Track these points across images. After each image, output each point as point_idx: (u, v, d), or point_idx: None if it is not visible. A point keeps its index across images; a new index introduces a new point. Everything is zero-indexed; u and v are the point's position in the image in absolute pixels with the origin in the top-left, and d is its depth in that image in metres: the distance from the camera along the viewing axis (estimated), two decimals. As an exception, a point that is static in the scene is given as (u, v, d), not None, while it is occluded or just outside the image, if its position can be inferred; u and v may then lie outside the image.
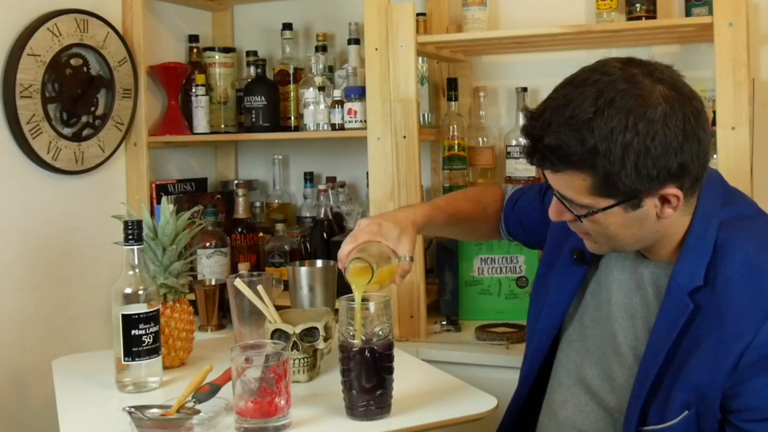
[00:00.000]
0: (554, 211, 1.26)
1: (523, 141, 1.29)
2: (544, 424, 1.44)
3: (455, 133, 2.26)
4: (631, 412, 1.24)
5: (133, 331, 1.48)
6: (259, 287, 1.58)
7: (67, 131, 2.18)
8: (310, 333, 1.53)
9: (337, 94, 2.26)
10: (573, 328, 1.41)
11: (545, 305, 1.43)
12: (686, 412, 1.17)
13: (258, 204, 2.58)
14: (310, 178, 2.52)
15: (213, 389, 1.36)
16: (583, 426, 1.36)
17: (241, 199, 2.45)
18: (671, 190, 1.15)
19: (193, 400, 1.34)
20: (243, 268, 2.30)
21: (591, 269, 1.39)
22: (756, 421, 1.14)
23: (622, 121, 1.11)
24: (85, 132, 2.24)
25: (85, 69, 2.22)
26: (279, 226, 2.38)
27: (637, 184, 1.14)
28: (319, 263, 1.87)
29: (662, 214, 1.18)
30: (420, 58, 2.24)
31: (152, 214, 2.24)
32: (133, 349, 1.48)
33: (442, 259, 2.30)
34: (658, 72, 1.16)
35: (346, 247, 1.37)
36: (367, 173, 2.16)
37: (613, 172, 1.13)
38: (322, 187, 2.43)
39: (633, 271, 1.32)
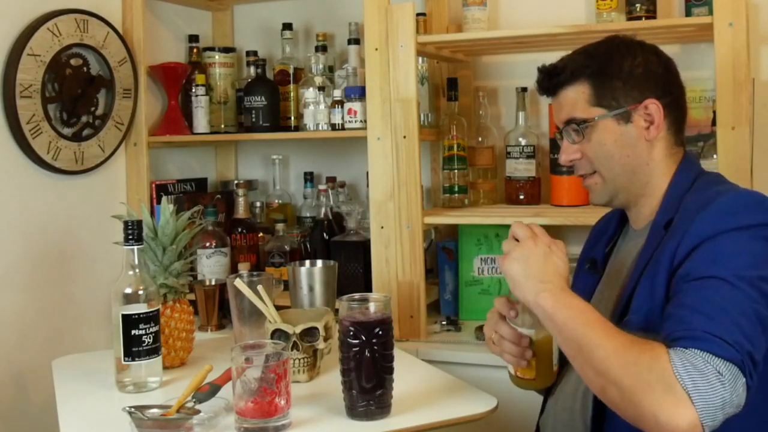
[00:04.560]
0: (564, 153, 1.43)
1: (522, 141, 1.46)
2: (548, 408, 1.46)
3: (455, 133, 2.26)
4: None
5: (133, 331, 1.48)
6: (259, 287, 1.58)
7: (67, 131, 2.18)
8: (310, 333, 1.53)
9: (337, 94, 2.26)
10: None
11: None
12: (637, 313, 1.26)
13: (258, 204, 2.57)
14: (310, 178, 2.52)
15: (213, 389, 1.36)
16: (573, 396, 1.39)
17: (241, 199, 2.45)
18: (654, 102, 1.35)
19: (193, 400, 1.34)
20: (243, 268, 2.29)
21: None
22: (692, 279, 1.19)
23: (615, 46, 1.41)
24: (85, 132, 2.24)
25: (85, 69, 2.22)
26: (279, 226, 2.38)
27: (624, 93, 1.36)
28: (319, 263, 1.87)
29: (648, 135, 1.36)
30: (420, 58, 2.24)
31: (152, 214, 2.24)
32: (133, 349, 1.48)
33: (442, 259, 2.31)
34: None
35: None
36: (367, 173, 2.16)
37: (605, 81, 1.37)
38: (322, 187, 2.43)
39: (627, 251, 1.41)
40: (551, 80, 1.44)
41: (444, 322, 2.18)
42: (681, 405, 1.07)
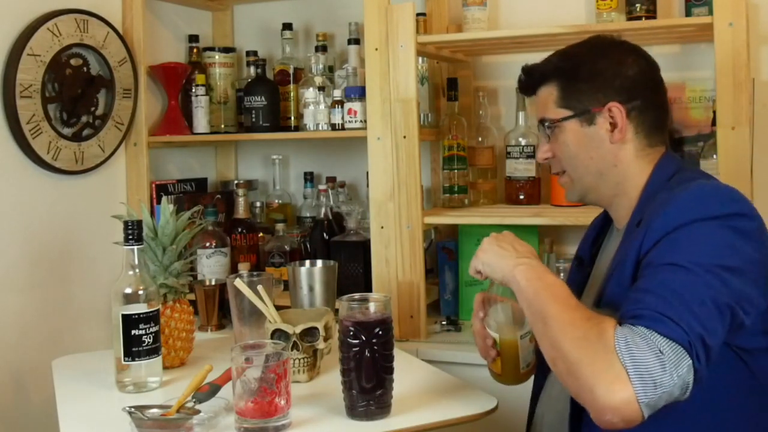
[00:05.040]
0: (539, 151, 1.47)
1: (522, 141, 1.53)
2: (537, 410, 1.48)
3: (455, 133, 2.26)
4: None
5: (133, 331, 1.48)
6: (259, 287, 1.58)
7: (67, 131, 2.18)
8: (310, 333, 1.53)
9: (337, 94, 2.26)
10: None
11: None
12: (609, 305, 1.26)
13: (258, 204, 2.57)
14: (310, 178, 2.52)
15: (213, 389, 1.36)
16: (559, 397, 1.39)
17: (241, 199, 2.45)
18: (616, 106, 1.36)
19: (193, 400, 1.34)
20: (243, 268, 2.29)
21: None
22: (652, 266, 1.21)
23: (591, 48, 1.43)
24: (85, 132, 2.24)
25: (85, 69, 2.22)
26: (279, 226, 2.38)
27: (590, 95, 1.37)
28: (319, 263, 1.87)
29: (612, 138, 1.37)
30: (420, 58, 2.24)
31: (152, 214, 2.24)
32: (133, 349, 1.48)
33: (442, 259, 2.31)
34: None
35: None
36: (367, 173, 2.16)
37: (571, 83, 1.39)
38: (322, 187, 2.43)
39: (612, 251, 1.41)
40: (527, 81, 1.47)
41: (444, 322, 2.18)
42: (618, 381, 1.09)
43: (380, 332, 1.31)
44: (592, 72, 1.38)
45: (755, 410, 1.24)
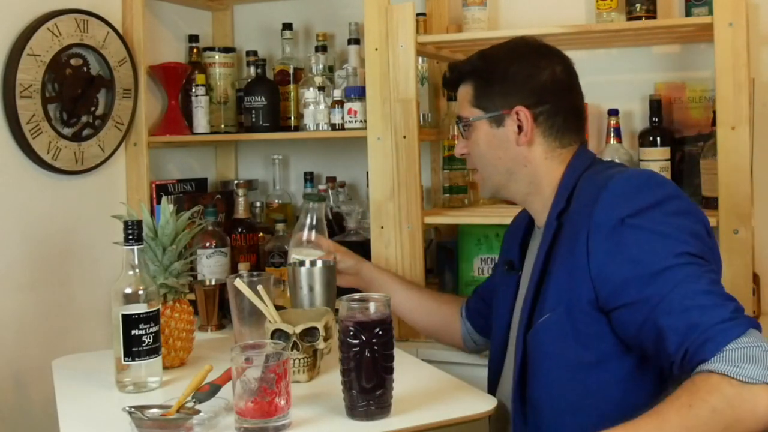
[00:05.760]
0: (457, 146, 1.53)
1: None
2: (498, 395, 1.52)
3: (455, 133, 2.26)
4: (520, 323, 1.40)
5: (133, 331, 1.48)
6: (259, 287, 1.58)
7: (67, 131, 2.18)
8: (310, 333, 1.53)
9: (337, 94, 2.26)
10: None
11: (496, 319, 1.58)
12: (557, 309, 1.31)
13: (258, 204, 2.57)
14: (310, 178, 2.52)
15: (213, 389, 1.36)
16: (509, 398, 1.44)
17: (241, 199, 2.45)
18: (523, 110, 1.41)
19: (193, 400, 1.34)
20: (243, 268, 2.29)
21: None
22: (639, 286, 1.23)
23: (508, 50, 1.48)
24: (85, 132, 2.24)
25: (85, 69, 2.22)
26: (279, 226, 2.38)
27: (500, 98, 1.43)
28: (319, 263, 1.87)
29: (519, 140, 1.42)
30: (420, 58, 2.25)
31: (152, 214, 2.24)
32: (133, 349, 1.48)
33: (442, 259, 2.31)
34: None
35: None
36: (367, 173, 2.16)
37: (485, 84, 1.45)
38: (322, 187, 2.43)
39: (536, 250, 1.44)
40: (449, 77, 1.53)
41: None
42: (761, 394, 1.09)
43: (380, 332, 1.31)
44: (506, 75, 1.43)
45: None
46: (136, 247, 1.49)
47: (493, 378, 1.57)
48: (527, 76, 1.42)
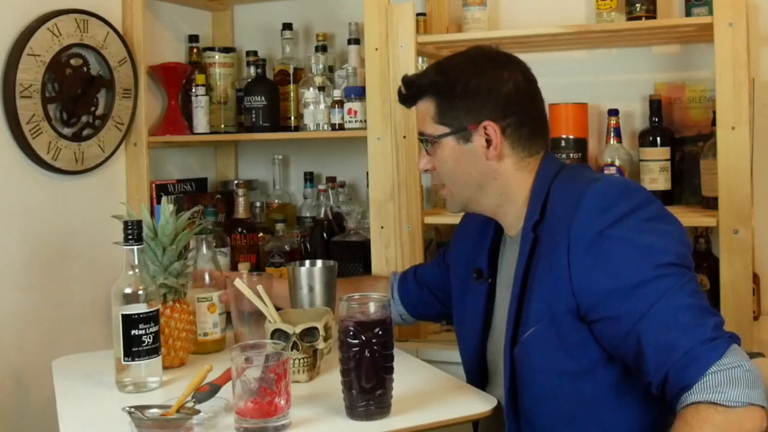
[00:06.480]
0: (421, 161, 1.49)
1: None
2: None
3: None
4: (506, 339, 1.37)
5: (133, 331, 1.48)
6: (259, 287, 1.58)
7: (67, 131, 2.18)
8: (310, 333, 1.53)
9: (337, 94, 2.26)
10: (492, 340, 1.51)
11: (465, 324, 1.56)
12: (541, 321, 1.30)
13: (258, 204, 2.58)
14: (310, 178, 2.52)
15: (213, 389, 1.36)
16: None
17: (241, 199, 2.45)
18: (491, 124, 1.38)
19: (193, 400, 1.34)
20: (243, 268, 2.29)
21: (492, 285, 1.51)
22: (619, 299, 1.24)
23: (464, 62, 1.44)
24: (85, 132, 2.24)
25: (85, 69, 2.22)
26: (279, 226, 2.38)
27: (465, 113, 1.39)
28: (319, 263, 1.87)
29: (488, 155, 1.39)
30: (420, 58, 2.24)
31: (152, 214, 2.24)
32: (133, 349, 1.48)
33: (442, 259, 2.30)
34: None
35: None
36: (367, 173, 2.16)
37: (447, 101, 1.41)
38: (322, 187, 2.43)
39: (512, 259, 1.43)
40: (406, 93, 1.48)
41: (444, 322, 2.18)
42: (746, 416, 1.13)
43: (380, 332, 1.31)
44: (468, 90, 1.40)
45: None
46: (135, 247, 1.49)
47: (476, 378, 1.54)
48: (490, 90, 1.40)
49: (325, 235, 2.36)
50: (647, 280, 1.21)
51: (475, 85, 1.40)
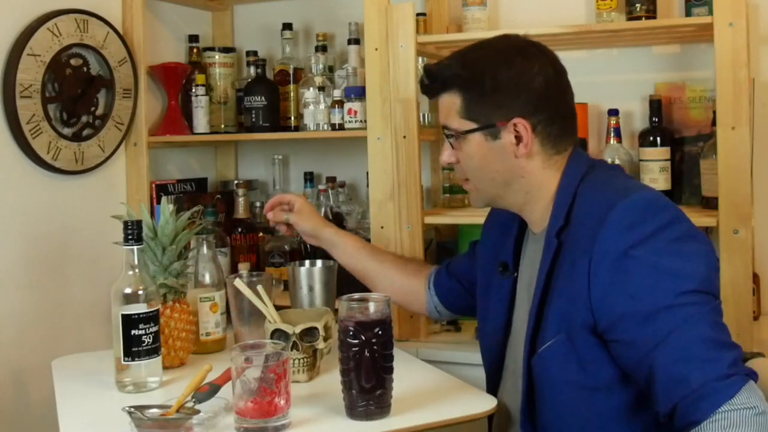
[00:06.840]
0: (444, 154, 1.43)
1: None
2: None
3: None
4: (525, 347, 1.35)
5: (133, 331, 1.48)
6: (259, 287, 1.58)
7: (67, 131, 2.18)
8: (309, 333, 1.53)
9: (337, 94, 2.26)
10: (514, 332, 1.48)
11: (488, 319, 1.53)
12: (558, 335, 1.28)
13: (258, 204, 2.57)
14: (310, 178, 2.52)
15: (213, 389, 1.36)
16: (512, 405, 1.43)
17: (241, 199, 2.45)
18: (521, 121, 1.33)
19: (193, 400, 1.34)
20: (243, 268, 2.29)
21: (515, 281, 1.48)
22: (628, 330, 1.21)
23: (492, 55, 1.37)
24: (85, 132, 2.24)
25: (85, 69, 2.22)
26: (279, 226, 2.38)
27: (494, 109, 1.34)
28: (319, 263, 1.87)
29: (518, 152, 1.35)
30: (420, 58, 2.24)
31: (152, 214, 2.24)
32: (133, 349, 1.48)
33: (442, 260, 2.30)
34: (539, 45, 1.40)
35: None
36: (367, 173, 2.16)
37: (475, 95, 1.35)
38: (322, 187, 2.43)
39: (534, 257, 1.41)
40: (429, 85, 1.43)
41: (444, 322, 2.18)
42: None
43: (380, 332, 1.31)
44: (497, 84, 1.34)
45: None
46: (135, 247, 1.50)
47: (494, 377, 1.53)
48: (520, 85, 1.33)
49: (325, 235, 2.35)
50: (667, 307, 1.18)
51: (504, 80, 1.33)
